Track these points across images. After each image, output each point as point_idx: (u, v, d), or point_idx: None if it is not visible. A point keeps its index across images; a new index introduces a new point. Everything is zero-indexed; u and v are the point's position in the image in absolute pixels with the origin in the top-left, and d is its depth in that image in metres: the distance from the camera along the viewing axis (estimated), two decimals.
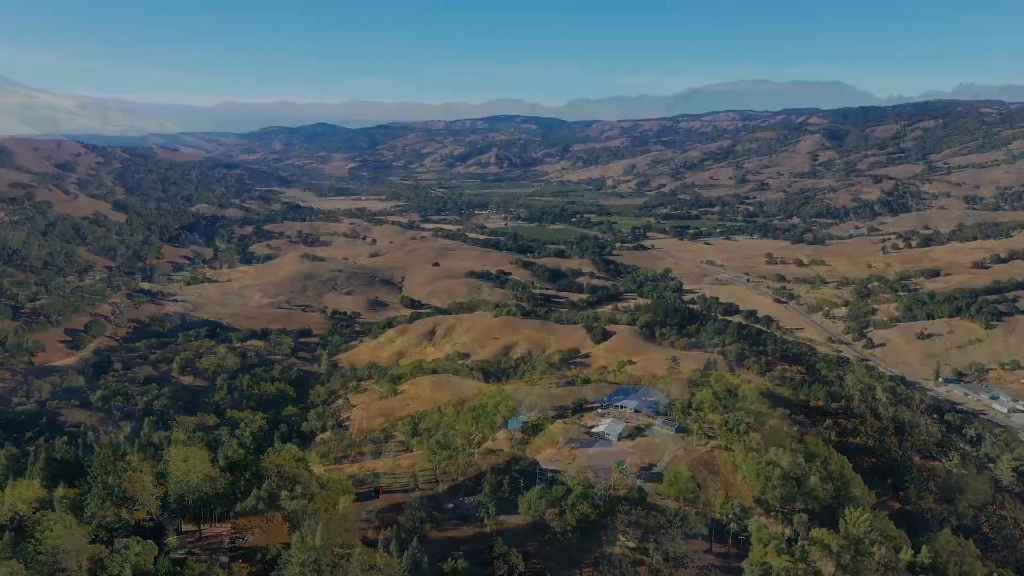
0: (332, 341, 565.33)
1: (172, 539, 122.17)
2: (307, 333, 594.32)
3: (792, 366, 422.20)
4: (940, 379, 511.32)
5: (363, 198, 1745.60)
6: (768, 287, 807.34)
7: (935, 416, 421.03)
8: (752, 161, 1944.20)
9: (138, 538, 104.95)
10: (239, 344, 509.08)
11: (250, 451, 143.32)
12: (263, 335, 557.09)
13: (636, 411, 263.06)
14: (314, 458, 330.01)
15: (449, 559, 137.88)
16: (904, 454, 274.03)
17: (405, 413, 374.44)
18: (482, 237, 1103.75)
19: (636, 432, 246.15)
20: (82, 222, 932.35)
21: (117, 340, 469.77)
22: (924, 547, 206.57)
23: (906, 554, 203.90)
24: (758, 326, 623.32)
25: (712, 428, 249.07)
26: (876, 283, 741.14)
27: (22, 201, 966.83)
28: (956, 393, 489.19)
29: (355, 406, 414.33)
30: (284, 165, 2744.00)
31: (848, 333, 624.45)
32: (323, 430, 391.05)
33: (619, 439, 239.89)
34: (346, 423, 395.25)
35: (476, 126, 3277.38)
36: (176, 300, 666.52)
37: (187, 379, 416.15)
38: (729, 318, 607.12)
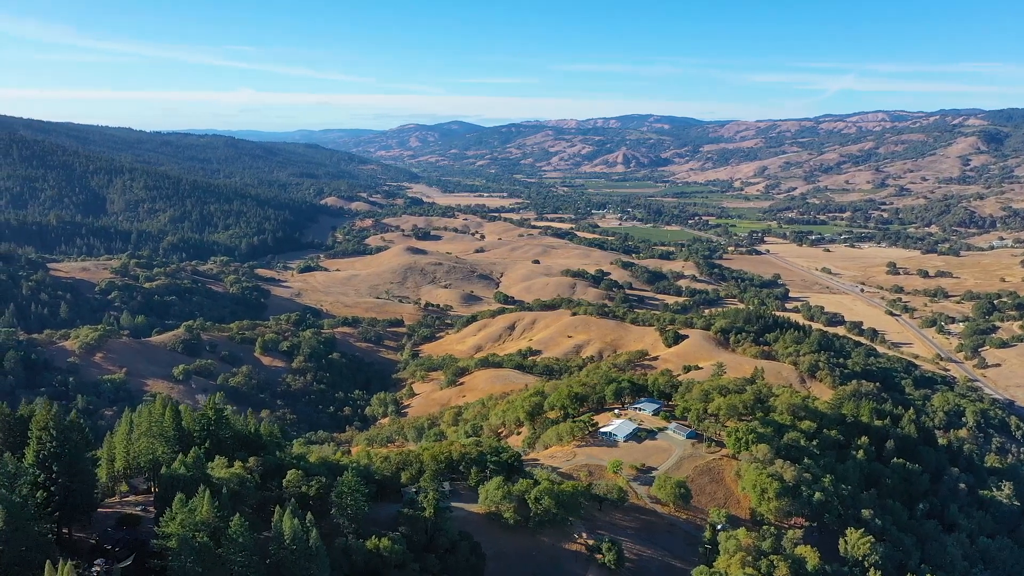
0: (418, 332, 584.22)
1: None
2: (398, 323, 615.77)
3: (870, 382, 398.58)
4: None
5: (486, 195, 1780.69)
6: (882, 298, 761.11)
7: None
8: (895, 165, 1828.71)
9: None
10: (328, 330, 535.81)
11: (212, 422, 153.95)
12: (354, 323, 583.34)
13: (654, 414, 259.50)
14: (360, 440, 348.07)
15: (374, 537, 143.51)
16: (949, 480, 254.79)
17: (457, 403, 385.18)
18: (589, 236, 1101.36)
19: (646, 434, 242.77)
20: (216, 212, 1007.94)
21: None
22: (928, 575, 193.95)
23: None
24: (860, 338, 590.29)
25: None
26: (1004, 299, 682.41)
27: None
28: None
29: (417, 395, 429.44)
30: (417, 161, 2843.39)
31: (960, 351, 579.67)
32: (384, 415, 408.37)
33: (626, 440, 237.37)
34: (405, 410, 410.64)
35: (608, 125, 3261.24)
36: (284, 286, 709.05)
37: (267, 359, 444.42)
38: (826, 329, 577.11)
